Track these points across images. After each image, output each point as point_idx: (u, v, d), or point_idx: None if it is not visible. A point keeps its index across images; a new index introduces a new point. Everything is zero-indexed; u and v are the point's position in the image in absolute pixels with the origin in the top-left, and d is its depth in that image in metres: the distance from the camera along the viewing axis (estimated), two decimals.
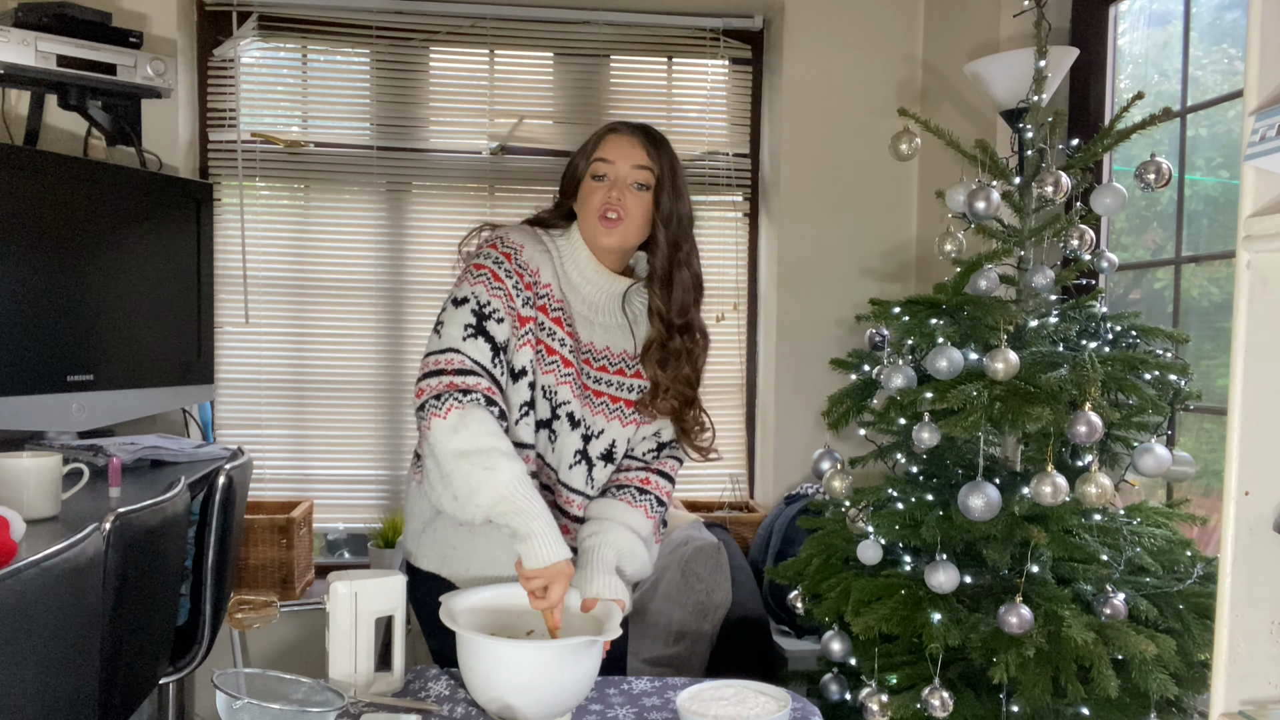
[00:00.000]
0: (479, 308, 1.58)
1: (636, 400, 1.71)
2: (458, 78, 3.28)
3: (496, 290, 1.59)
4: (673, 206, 1.65)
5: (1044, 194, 1.95)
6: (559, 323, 1.64)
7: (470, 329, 1.57)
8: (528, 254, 1.64)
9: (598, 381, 1.69)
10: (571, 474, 1.68)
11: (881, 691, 1.86)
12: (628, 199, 1.63)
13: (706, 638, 2.60)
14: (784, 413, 3.28)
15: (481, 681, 1.37)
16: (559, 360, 1.63)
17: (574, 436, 1.66)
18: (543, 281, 1.64)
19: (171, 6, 2.96)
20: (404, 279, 3.26)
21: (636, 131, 1.66)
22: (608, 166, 1.64)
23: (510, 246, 1.64)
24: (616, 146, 1.64)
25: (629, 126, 1.67)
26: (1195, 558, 1.90)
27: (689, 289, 1.69)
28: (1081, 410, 1.70)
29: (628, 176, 1.63)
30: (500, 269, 1.61)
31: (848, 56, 3.24)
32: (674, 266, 1.67)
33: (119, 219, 2.65)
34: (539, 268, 1.64)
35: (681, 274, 1.68)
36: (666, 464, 1.76)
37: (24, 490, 1.91)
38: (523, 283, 1.61)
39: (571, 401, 1.65)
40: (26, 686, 1.34)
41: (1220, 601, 1.06)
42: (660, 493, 1.72)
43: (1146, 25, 2.55)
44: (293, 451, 3.24)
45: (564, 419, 1.65)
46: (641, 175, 1.63)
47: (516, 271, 1.61)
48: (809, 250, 3.26)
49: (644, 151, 1.64)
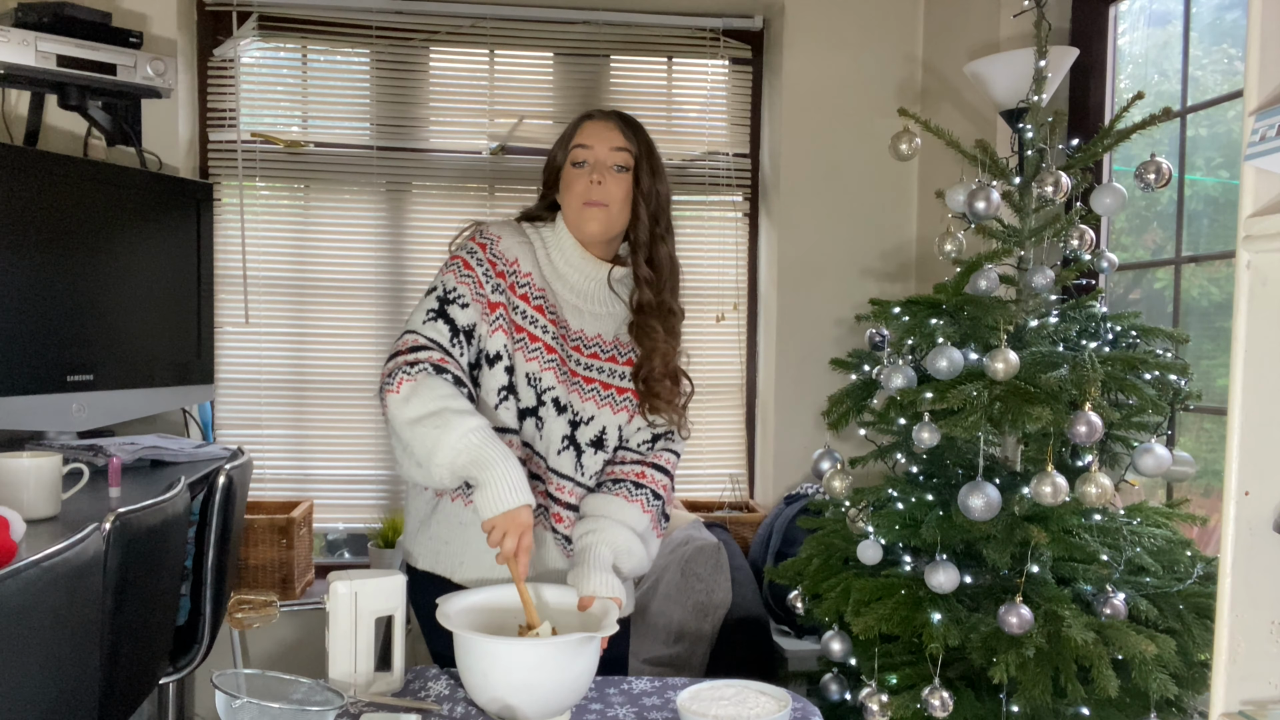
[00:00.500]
0: (444, 294, 1.62)
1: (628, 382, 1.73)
2: (458, 78, 3.28)
3: (465, 277, 1.63)
4: (652, 184, 1.70)
5: (1044, 194, 1.95)
6: (541, 310, 1.66)
7: (431, 313, 1.61)
8: (504, 245, 1.67)
9: (588, 368, 1.70)
10: (560, 459, 1.68)
11: (881, 691, 1.86)
12: (609, 182, 1.66)
13: (706, 638, 2.60)
14: (784, 413, 3.28)
15: (479, 681, 1.37)
16: (542, 347, 1.65)
17: (560, 422, 1.67)
18: (522, 271, 1.67)
19: (171, 6, 2.96)
20: (404, 279, 3.26)
21: (610, 116, 1.71)
22: (586, 152, 1.67)
23: (486, 238, 1.68)
24: (593, 132, 1.68)
25: (602, 112, 1.72)
26: (1195, 558, 1.90)
27: (664, 266, 1.73)
28: (1081, 410, 1.70)
29: (607, 159, 1.67)
30: (472, 258, 1.65)
31: (847, 56, 3.24)
32: (654, 240, 1.71)
33: (119, 219, 2.65)
34: (517, 258, 1.67)
35: (660, 249, 1.72)
36: (662, 457, 1.75)
37: (24, 490, 1.91)
38: (494, 271, 1.65)
39: (556, 387, 1.66)
40: (26, 686, 1.34)
41: (1220, 601, 1.06)
42: (656, 486, 1.72)
43: (1146, 25, 2.55)
44: (293, 451, 3.24)
45: (549, 405, 1.66)
46: (620, 157, 1.67)
47: (489, 260, 1.65)
48: (809, 250, 3.26)
49: (620, 134, 1.68)
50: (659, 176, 1.72)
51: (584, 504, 1.70)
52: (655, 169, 1.71)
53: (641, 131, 1.72)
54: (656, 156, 1.72)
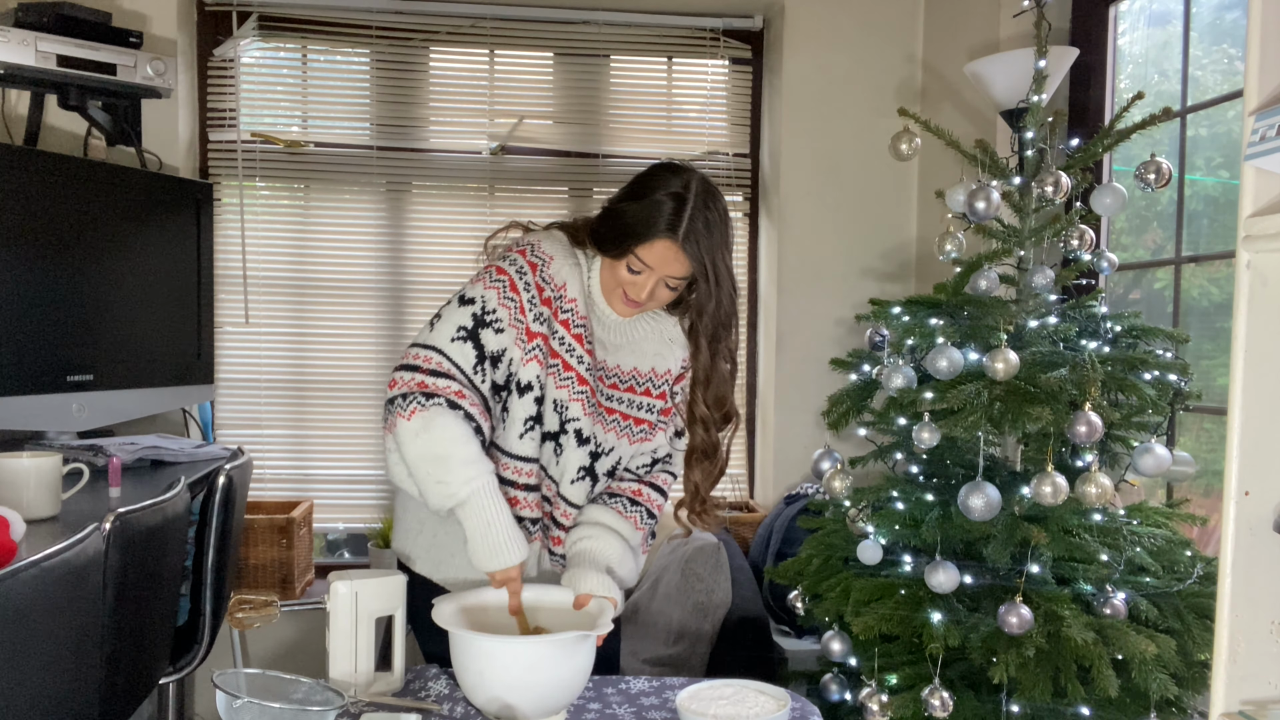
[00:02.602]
0: (481, 313, 1.55)
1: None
2: (458, 78, 3.28)
3: (508, 300, 1.56)
4: (713, 307, 1.59)
5: (1044, 194, 1.95)
6: (580, 339, 1.60)
7: (463, 332, 1.54)
8: (556, 266, 1.59)
9: (610, 399, 1.67)
10: (573, 489, 1.67)
11: (881, 691, 1.86)
12: (659, 294, 1.59)
13: (706, 638, 2.59)
14: (784, 413, 3.28)
15: (476, 680, 1.37)
16: (574, 377, 1.61)
17: (580, 453, 1.65)
18: (568, 296, 1.59)
19: (171, 6, 2.96)
20: (404, 279, 3.26)
21: (685, 240, 1.52)
22: (644, 267, 1.55)
23: (539, 256, 1.59)
24: (659, 255, 1.54)
25: (676, 232, 1.52)
26: (1195, 558, 1.90)
27: (727, 380, 1.67)
28: (1081, 410, 1.70)
29: (661, 279, 1.57)
30: (521, 280, 1.57)
31: (847, 56, 3.24)
32: (715, 358, 1.65)
33: (119, 219, 2.65)
34: (566, 282, 1.59)
35: (720, 367, 1.66)
36: (659, 477, 1.75)
37: (24, 490, 1.91)
38: (541, 297, 1.57)
39: (581, 419, 1.62)
40: (26, 686, 1.34)
41: (1220, 601, 1.06)
42: (652, 505, 1.73)
43: (1146, 25, 2.55)
44: (293, 451, 3.24)
45: (571, 434, 1.63)
46: (675, 281, 1.58)
47: (538, 285, 1.57)
48: (809, 250, 3.26)
49: (686, 264, 1.54)
50: (721, 291, 1.58)
51: (579, 514, 1.70)
52: (718, 281, 1.57)
53: (715, 240, 1.54)
54: (722, 269, 1.57)
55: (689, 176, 1.56)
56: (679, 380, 1.72)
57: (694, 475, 1.70)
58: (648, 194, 1.55)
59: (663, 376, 1.71)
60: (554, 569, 1.70)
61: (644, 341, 1.70)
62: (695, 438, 1.69)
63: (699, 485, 1.70)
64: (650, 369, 1.70)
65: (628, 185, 1.61)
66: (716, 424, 1.69)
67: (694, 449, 1.70)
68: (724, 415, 1.69)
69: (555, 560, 1.70)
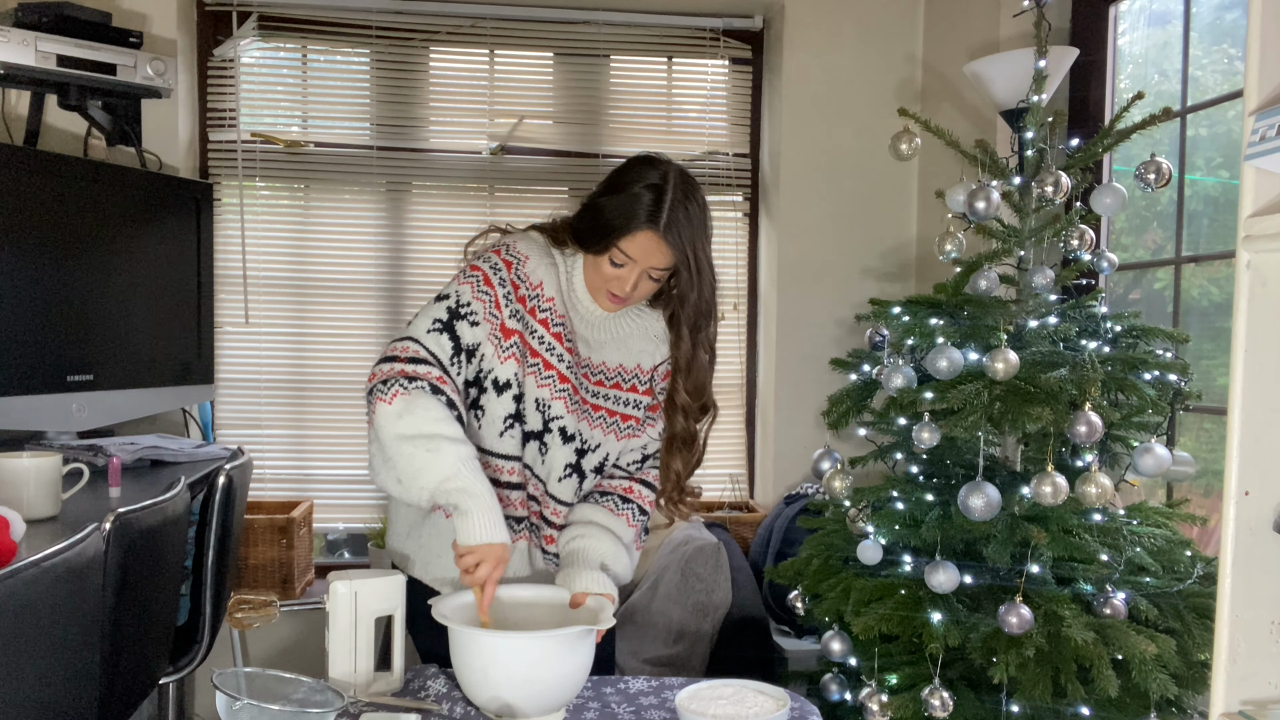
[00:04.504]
0: (455, 306, 1.57)
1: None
2: (458, 78, 3.28)
3: (482, 294, 1.58)
4: (694, 297, 1.61)
5: (1044, 194, 1.95)
6: (559, 338, 1.61)
7: (438, 324, 1.56)
8: (531, 265, 1.60)
9: (595, 395, 1.67)
10: (561, 486, 1.67)
11: (881, 691, 1.86)
12: (642, 286, 1.60)
13: (706, 638, 2.60)
14: (784, 413, 3.28)
15: (478, 678, 1.37)
16: (555, 375, 1.61)
17: (566, 450, 1.65)
18: (545, 295, 1.60)
19: (171, 6, 2.96)
20: (404, 279, 3.26)
21: (667, 230, 1.53)
22: (627, 261, 1.57)
23: (514, 255, 1.60)
24: (642, 247, 1.55)
25: (657, 223, 1.53)
26: (1195, 558, 1.90)
27: (706, 369, 1.68)
28: (1081, 410, 1.70)
29: (645, 271, 1.58)
30: (495, 276, 1.59)
31: (847, 56, 3.24)
32: (696, 347, 1.66)
33: (119, 219, 2.65)
34: (542, 281, 1.60)
35: (700, 357, 1.67)
36: (650, 474, 1.75)
37: (24, 490, 1.91)
38: (516, 295, 1.58)
39: (565, 417, 1.63)
40: (26, 686, 1.34)
41: (1220, 601, 1.06)
42: (643, 501, 1.73)
43: (1146, 25, 2.55)
44: (293, 451, 3.24)
45: (555, 433, 1.63)
46: (658, 273, 1.59)
47: (513, 282, 1.58)
48: (809, 250, 3.26)
49: (669, 254, 1.55)
50: (703, 281, 1.60)
51: (570, 514, 1.70)
52: (699, 270, 1.58)
53: (692, 230, 1.56)
54: (703, 259, 1.59)
55: (666, 168, 1.58)
56: (666, 376, 1.72)
57: (674, 463, 1.71)
58: (626, 187, 1.56)
59: (649, 372, 1.71)
60: (548, 568, 1.70)
61: (629, 338, 1.71)
62: (675, 426, 1.70)
63: (679, 473, 1.72)
64: (636, 365, 1.70)
65: (605, 180, 1.62)
66: (695, 414, 1.70)
67: (674, 436, 1.71)
68: (702, 406, 1.70)
69: (549, 560, 1.70)
